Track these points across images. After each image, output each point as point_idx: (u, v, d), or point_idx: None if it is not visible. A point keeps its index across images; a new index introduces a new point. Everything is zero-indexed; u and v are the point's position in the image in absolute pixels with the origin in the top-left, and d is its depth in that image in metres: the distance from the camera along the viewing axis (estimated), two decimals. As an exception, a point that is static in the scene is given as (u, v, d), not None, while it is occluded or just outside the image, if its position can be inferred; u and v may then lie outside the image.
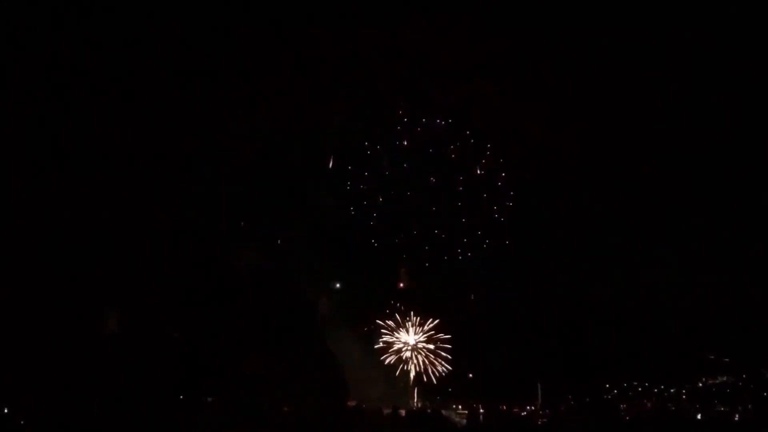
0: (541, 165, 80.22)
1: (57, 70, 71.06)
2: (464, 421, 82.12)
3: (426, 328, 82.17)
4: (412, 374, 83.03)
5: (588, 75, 74.86)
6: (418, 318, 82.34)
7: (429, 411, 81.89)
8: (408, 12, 70.37)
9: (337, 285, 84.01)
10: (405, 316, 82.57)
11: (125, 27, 70.75)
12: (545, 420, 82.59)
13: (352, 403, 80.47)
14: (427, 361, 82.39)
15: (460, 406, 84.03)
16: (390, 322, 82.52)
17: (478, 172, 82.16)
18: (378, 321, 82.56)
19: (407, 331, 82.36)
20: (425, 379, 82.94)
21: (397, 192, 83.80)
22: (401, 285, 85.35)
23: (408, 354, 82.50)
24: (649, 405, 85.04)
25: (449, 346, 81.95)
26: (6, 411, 67.16)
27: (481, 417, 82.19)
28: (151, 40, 71.16)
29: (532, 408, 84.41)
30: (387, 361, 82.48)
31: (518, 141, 79.29)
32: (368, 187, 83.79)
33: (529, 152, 79.87)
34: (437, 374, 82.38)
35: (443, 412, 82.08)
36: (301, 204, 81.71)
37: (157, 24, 70.30)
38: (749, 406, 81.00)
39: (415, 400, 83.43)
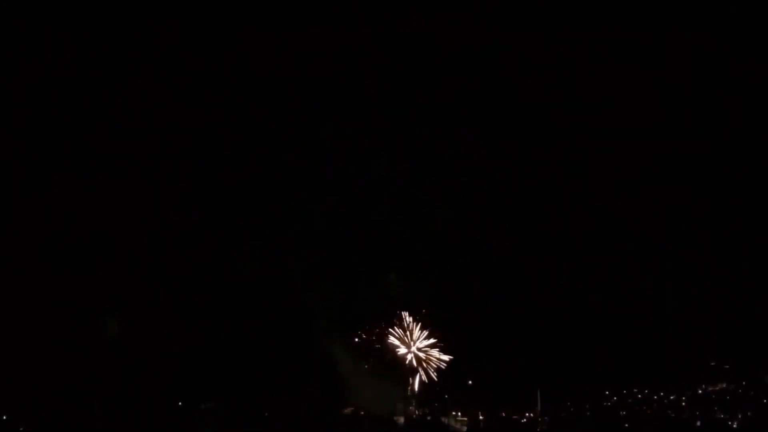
0: (541, 167, 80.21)
1: (55, 68, 70.77)
2: (464, 428, 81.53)
3: (425, 334, 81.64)
4: (411, 381, 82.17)
5: (588, 75, 75.04)
6: (417, 323, 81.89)
7: (428, 418, 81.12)
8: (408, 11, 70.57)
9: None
10: (403, 322, 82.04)
11: (122, 26, 70.68)
12: (545, 427, 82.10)
13: (349, 410, 79.58)
14: (425, 368, 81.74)
15: (459, 413, 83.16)
16: (389, 328, 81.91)
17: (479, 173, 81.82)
18: (375, 327, 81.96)
19: (405, 337, 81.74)
20: (424, 386, 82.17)
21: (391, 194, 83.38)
22: (392, 290, 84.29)
23: (406, 360, 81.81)
24: (649, 412, 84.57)
25: (447, 358, 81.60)
26: (5, 417, 66.39)
27: (481, 424, 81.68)
28: (147, 39, 71.00)
29: (532, 415, 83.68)
30: (385, 367, 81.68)
31: (517, 141, 79.11)
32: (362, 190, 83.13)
33: (529, 153, 79.78)
34: (436, 381, 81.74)
35: (443, 418, 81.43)
36: (297, 207, 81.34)
37: (156, 23, 70.11)
38: (749, 413, 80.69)
39: (414, 407, 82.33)
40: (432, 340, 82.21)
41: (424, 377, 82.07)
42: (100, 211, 72.21)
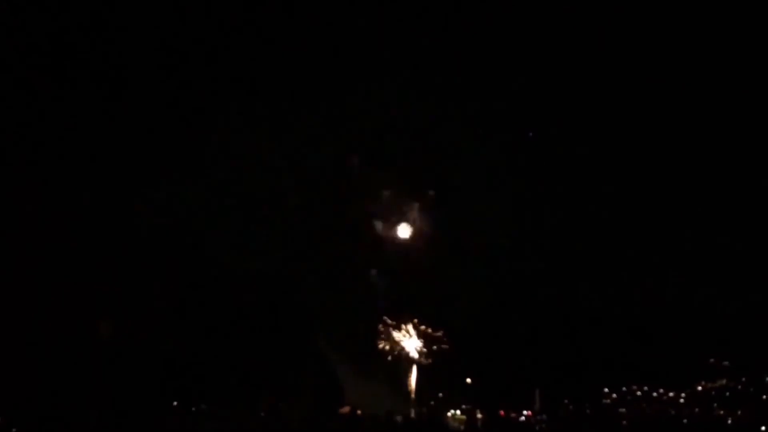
0: (539, 165, 79.67)
1: (52, 69, 70.47)
2: (462, 426, 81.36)
3: (424, 332, 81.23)
4: (409, 379, 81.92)
5: (589, 75, 74.59)
6: (416, 321, 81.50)
7: (426, 417, 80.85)
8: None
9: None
10: (402, 320, 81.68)
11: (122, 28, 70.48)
12: (543, 426, 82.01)
13: (346, 410, 79.40)
14: (425, 366, 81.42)
15: (458, 412, 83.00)
16: (387, 326, 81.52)
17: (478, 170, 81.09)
18: (374, 324, 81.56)
19: (405, 335, 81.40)
20: (422, 385, 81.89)
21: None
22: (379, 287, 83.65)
23: (405, 358, 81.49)
24: (648, 409, 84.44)
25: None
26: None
27: (479, 423, 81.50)
28: (147, 41, 70.80)
29: (530, 413, 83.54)
30: (383, 365, 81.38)
31: (517, 139, 78.62)
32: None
33: (527, 151, 79.29)
34: (434, 378, 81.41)
35: (440, 417, 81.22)
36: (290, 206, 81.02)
37: (154, 25, 69.83)
38: (749, 410, 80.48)
39: (412, 405, 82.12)
40: (432, 339, 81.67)
41: (419, 374, 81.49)
42: (93, 213, 72.04)
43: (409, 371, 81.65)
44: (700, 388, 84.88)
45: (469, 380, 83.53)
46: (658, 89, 75.53)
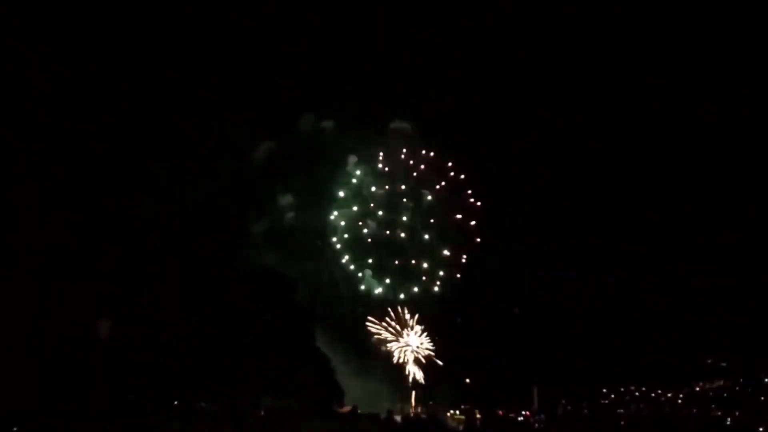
0: (536, 167, 79.81)
1: (50, 70, 70.23)
2: (461, 426, 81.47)
3: (423, 331, 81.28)
4: (409, 379, 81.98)
5: (584, 76, 74.55)
6: (415, 321, 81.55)
7: (425, 416, 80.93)
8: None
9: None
10: (403, 321, 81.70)
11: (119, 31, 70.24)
12: (541, 425, 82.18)
13: (346, 409, 79.47)
14: (424, 366, 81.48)
15: (456, 411, 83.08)
16: (388, 326, 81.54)
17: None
18: (375, 324, 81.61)
19: (405, 336, 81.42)
20: (421, 384, 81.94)
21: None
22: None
23: (405, 358, 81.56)
24: (646, 409, 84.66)
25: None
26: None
27: (477, 422, 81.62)
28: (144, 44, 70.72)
29: (528, 413, 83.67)
30: (383, 365, 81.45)
31: (516, 139, 78.57)
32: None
33: (526, 152, 79.31)
34: (434, 379, 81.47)
35: (439, 416, 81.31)
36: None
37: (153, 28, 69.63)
38: (746, 411, 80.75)
39: (412, 405, 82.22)
40: (431, 339, 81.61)
41: (418, 373, 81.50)
42: (93, 213, 71.88)
43: (408, 371, 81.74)
44: (698, 388, 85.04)
45: (468, 380, 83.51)
46: (659, 95, 75.82)
